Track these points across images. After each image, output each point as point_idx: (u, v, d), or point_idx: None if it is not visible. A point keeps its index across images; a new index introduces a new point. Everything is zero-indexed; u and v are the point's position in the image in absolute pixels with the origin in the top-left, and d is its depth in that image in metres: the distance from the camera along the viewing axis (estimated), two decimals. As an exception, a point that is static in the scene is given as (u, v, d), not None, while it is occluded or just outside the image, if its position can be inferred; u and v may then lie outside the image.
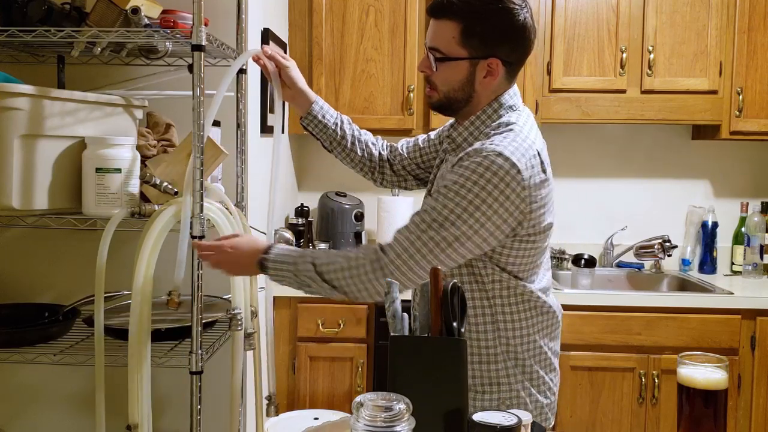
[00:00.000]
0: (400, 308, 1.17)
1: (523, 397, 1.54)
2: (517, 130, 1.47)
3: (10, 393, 2.22)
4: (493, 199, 1.39)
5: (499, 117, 1.51)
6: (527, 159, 1.42)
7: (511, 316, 1.52)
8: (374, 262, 1.43)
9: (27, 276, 2.19)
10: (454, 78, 1.50)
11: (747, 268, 3.09)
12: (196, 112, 1.55)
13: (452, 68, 1.49)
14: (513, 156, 1.40)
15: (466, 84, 1.50)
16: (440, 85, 1.52)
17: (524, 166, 1.41)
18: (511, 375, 1.53)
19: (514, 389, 1.54)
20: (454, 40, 1.47)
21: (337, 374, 2.78)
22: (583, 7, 2.91)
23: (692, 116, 2.94)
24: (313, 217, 3.20)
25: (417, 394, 0.99)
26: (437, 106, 1.57)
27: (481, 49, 1.47)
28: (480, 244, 1.43)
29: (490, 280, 1.50)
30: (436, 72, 1.51)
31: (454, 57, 1.48)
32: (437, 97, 1.54)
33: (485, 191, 1.38)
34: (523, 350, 1.54)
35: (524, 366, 1.54)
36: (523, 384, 1.54)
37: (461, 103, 1.53)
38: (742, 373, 2.71)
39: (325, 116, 1.77)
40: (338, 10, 2.93)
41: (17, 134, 1.58)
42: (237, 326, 1.66)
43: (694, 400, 1.12)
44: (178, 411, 2.15)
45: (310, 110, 1.76)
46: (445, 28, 1.47)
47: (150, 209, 1.65)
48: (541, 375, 1.57)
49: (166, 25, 1.64)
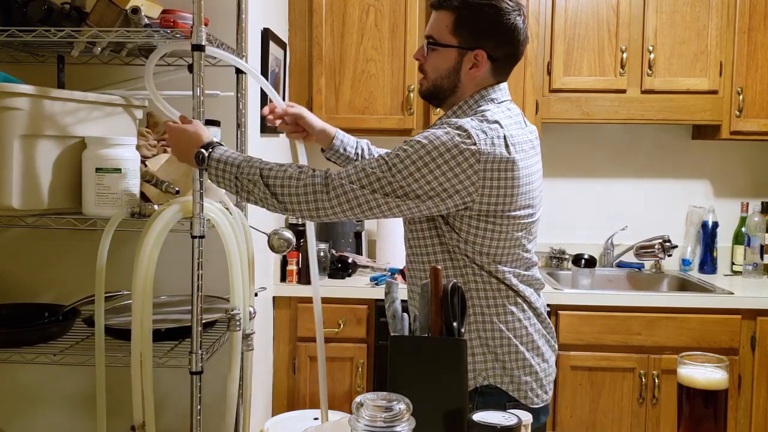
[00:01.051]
0: (400, 308, 1.17)
1: (499, 369, 1.55)
2: (488, 115, 1.53)
3: (10, 393, 2.22)
4: (444, 162, 1.45)
5: (478, 107, 1.58)
6: (487, 136, 1.48)
7: (496, 308, 1.56)
8: (323, 178, 1.49)
9: (27, 276, 2.19)
10: (443, 65, 1.59)
11: (747, 268, 3.09)
12: (196, 112, 1.55)
13: (442, 55, 1.59)
14: (472, 130, 1.47)
15: (453, 72, 1.59)
16: (430, 72, 1.62)
17: (482, 141, 1.47)
18: (476, 346, 1.55)
19: (486, 359, 1.55)
20: (446, 29, 1.57)
21: (337, 374, 2.78)
22: (583, 7, 2.91)
23: (692, 116, 2.94)
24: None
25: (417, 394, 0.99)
26: (426, 94, 1.66)
27: (469, 40, 1.56)
28: (425, 202, 1.48)
29: (465, 272, 1.56)
30: (429, 59, 1.61)
31: (444, 44, 1.58)
32: (426, 84, 1.64)
33: (439, 153, 1.46)
34: (500, 322, 1.56)
35: (501, 338, 1.56)
36: (504, 359, 1.56)
37: (447, 92, 1.61)
38: (743, 373, 2.71)
39: (346, 148, 1.89)
40: (338, 10, 2.93)
41: (17, 134, 1.58)
42: (236, 327, 1.66)
43: (694, 400, 1.12)
44: (178, 411, 2.15)
45: (332, 145, 1.88)
46: (441, 17, 1.58)
47: (150, 209, 1.65)
48: (522, 352, 1.57)
49: (166, 25, 1.65)
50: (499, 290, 1.56)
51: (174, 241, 1.68)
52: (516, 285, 1.57)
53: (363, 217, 1.51)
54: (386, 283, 1.20)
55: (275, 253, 1.88)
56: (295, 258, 2.80)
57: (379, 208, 1.48)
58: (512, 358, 1.57)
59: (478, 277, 1.55)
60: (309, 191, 1.49)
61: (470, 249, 1.53)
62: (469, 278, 1.56)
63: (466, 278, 1.56)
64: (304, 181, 1.49)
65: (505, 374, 1.56)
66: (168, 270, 1.94)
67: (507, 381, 1.56)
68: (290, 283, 2.79)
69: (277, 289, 2.77)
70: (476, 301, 1.56)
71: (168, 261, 1.80)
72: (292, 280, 2.79)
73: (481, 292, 1.56)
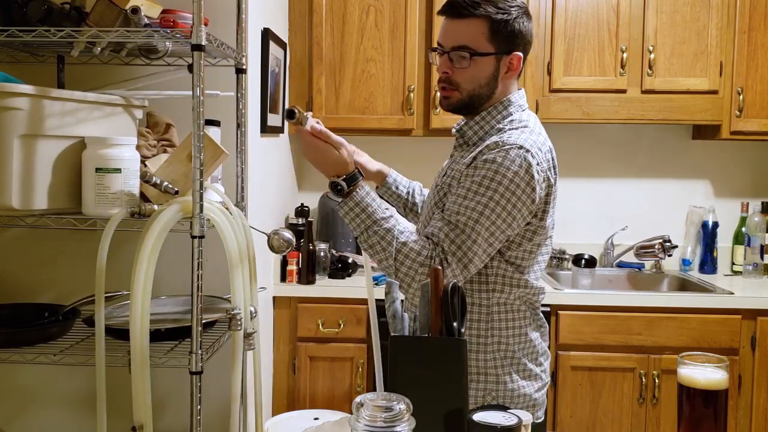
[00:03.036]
0: (401, 308, 1.17)
1: (509, 389, 1.57)
2: (531, 127, 1.56)
3: (10, 393, 2.22)
4: (520, 190, 1.47)
5: (509, 114, 1.59)
6: (543, 153, 1.52)
7: (505, 307, 1.57)
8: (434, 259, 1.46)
9: (27, 276, 2.19)
10: (482, 74, 1.57)
11: (747, 268, 3.09)
12: (196, 112, 1.55)
13: (480, 64, 1.56)
14: (532, 149, 1.49)
15: (492, 80, 1.58)
16: (464, 83, 1.57)
17: (540, 160, 1.51)
18: (499, 366, 1.57)
19: (501, 380, 1.57)
20: (483, 36, 1.54)
21: (337, 374, 2.78)
22: (584, 7, 2.91)
23: (692, 116, 2.94)
24: (313, 217, 3.20)
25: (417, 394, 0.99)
26: (458, 106, 1.61)
27: (504, 45, 1.55)
28: (509, 233, 1.50)
29: (493, 272, 1.56)
30: (461, 70, 1.56)
31: (483, 52, 1.54)
32: (459, 96, 1.59)
33: (513, 183, 1.47)
34: (513, 342, 1.58)
35: (513, 357, 1.58)
36: (511, 376, 1.57)
37: (484, 99, 1.59)
38: (743, 373, 2.71)
39: (399, 187, 1.90)
40: (338, 10, 2.93)
41: (17, 134, 1.58)
42: (236, 326, 1.66)
43: (694, 400, 1.12)
44: (178, 411, 2.15)
45: (385, 182, 1.90)
46: (472, 25, 1.54)
47: (150, 209, 1.65)
48: (529, 367, 1.60)
49: (166, 24, 1.64)
50: (519, 310, 1.59)
51: (174, 241, 1.68)
52: (535, 302, 1.61)
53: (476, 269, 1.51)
54: (386, 283, 1.20)
55: (275, 253, 1.88)
56: (295, 258, 2.80)
57: (482, 259, 1.49)
58: (522, 375, 1.59)
59: (503, 295, 1.56)
60: (420, 273, 1.46)
61: (505, 256, 1.55)
62: (494, 296, 1.57)
63: (490, 294, 1.57)
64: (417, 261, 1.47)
65: (516, 393, 1.58)
66: (168, 270, 1.94)
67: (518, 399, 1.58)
68: (290, 283, 2.79)
69: (277, 289, 2.77)
70: (496, 324, 1.57)
71: (168, 261, 1.80)
72: (292, 280, 2.79)
73: (503, 314, 1.57)
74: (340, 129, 2.98)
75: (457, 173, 1.57)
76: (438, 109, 2.92)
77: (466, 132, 1.63)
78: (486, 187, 1.46)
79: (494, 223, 1.46)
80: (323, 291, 2.78)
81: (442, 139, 3.15)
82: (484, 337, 1.57)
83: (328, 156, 1.54)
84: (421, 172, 3.27)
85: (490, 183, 1.47)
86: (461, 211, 1.47)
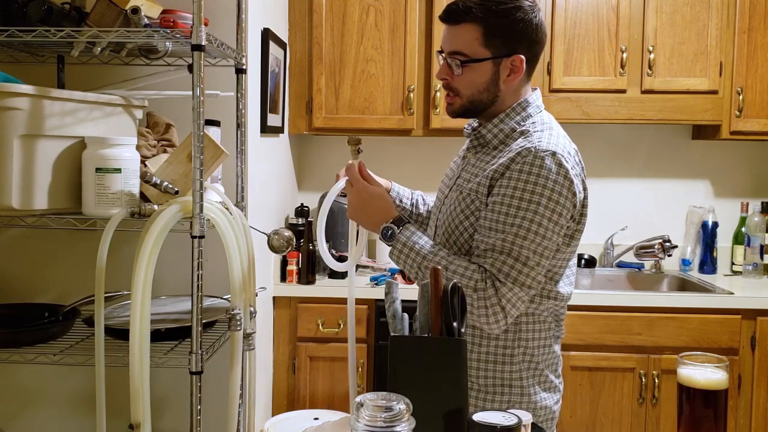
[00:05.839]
0: (400, 308, 1.17)
1: (533, 401, 1.55)
2: (556, 128, 1.54)
3: (10, 393, 2.22)
4: (563, 198, 1.45)
5: (529, 116, 1.56)
6: (572, 156, 1.51)
7: (533, 317, 1.54)
8: (486, 291, 1.43)
9: (27, 276, 2.19)
10: (480, 80, 1.53)
11: (747, 268, 3.09)
12: (196, 112, 1.55)
13: (477, 70, 1.52)
14: (564, 153, 1.47)
15: (491, 84, 1.54)
16: (463, 89, 1.55)
17: (573, 163, 1.49)
18: (524, 378, 1.54)
19: (525, 392, 1.54)
20: (477, 42, 1.50)
21: (337, 374, 2.78)
22: (583, 7, 2.91)
23: (692, 116, 2.94)
24: (313, 217, 3.20)
25: (417, 394, 0.99)
26: (460, 112, 1.59)
27: (503, 48, 1.51)
28: (558, 241, 1.47)
29: None
30: (459, 76, 1.54)
31: (478, 58, 1.51)
32: (460, 102, 1.57)
33: (555, 192, 1.44)
34: (538, 353, 1.56)
35: (536, 369, 1.56)
36: (534, 388, 1.55)
37: (486, 104, 1.56)
38: (742, 373, 2.71)
39: (402, 200, 1.86)
40: (338, 10, 2.93)
41: (17, 134, 1.58)
42: (236, 326, 1.66)
43: (694, 401, 1.12)
44: (178, 411, 2.15)
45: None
46: (465, 31, 1.51)
47: (150, 209, 1.65)
48: (550, 379, 1.58)
49: (166, 25, 1.64)
50: (546, 322, 1.57)
51: (174, 241, 1.68)
52: (561, 314, 1.59)
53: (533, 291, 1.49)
54: (386, 283, 1.20)
55: (275, 253, 1.88)
56: (295, 258, 2.80)
57: (535, 278, 1.45)
58: (544, 387, 1.58)
59: (533, 305, 1.54)
60: (482, 312, 1.44)
61: None
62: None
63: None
64: (480, 298, 1.43)
65: (539, 405, 1.57)
66: (168, 270, 1.94)
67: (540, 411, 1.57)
68: (290, 283, 2.79)
69: (277, 289, 2.77)
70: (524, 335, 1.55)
71: (168, 261, 1.80)
72: (292, 280, 2.79)
73: (530, 325, 1.55)
74: (340, 129, 3.00)
75: (484, 179, 1.51)
76: (438, 109, 2.92)
77: (484, 135, 1.58)
78: (528, 201, 1.42)
79: (544, 237, 1.43)
80: (323, 291, 2.78)
81: (442, 139, 3.16)
82: (511, 348, 1.54)
83: (376, 207, 1.57)
84: (420, 172, 3.28)
85: (531, 196, 1.42)
86: (507, 230, 1.43)
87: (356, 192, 1.60)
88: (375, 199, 1.59)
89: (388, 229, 1.54)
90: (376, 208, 1.58)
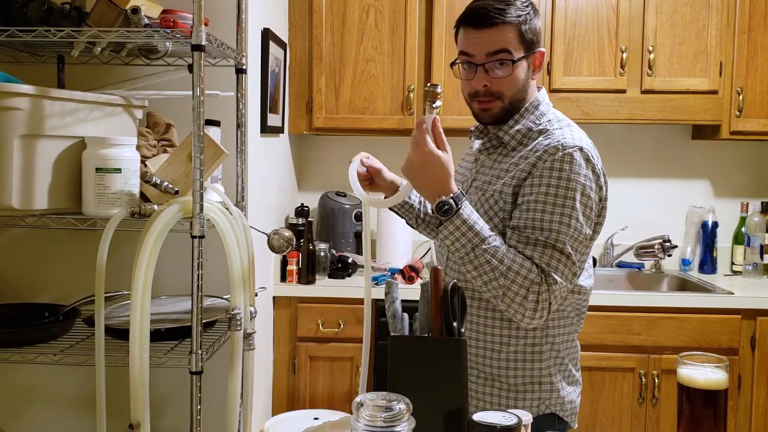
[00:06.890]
0: (400, 308, 1.17)
1: (561, 396, 1.56)
2: (573, 124, 1.57)
3: (10, 393, 2.22)
4: (593, 192, 1.49)
5: (543, 114, 1.58)
6: (593, 150, 1.55)
7: (559, 313, 1.55)
8: (541, 285, 1.43)
9: (27, 276, 2.19)
10: (521, 78, 1.55)
11: (747, 268, 3.09)
12: (196, 112, 1.55)
13: (518, 69, 1.54)
14: (589, 149, 1.52)
15: (526, 81, 1.57)
16: (506, 90, 1.54)
17: (596, 158, 1.54)
18: (552, 374, 1.56)
19: (554, 388, 1.55)
20: (516, 41, 1.52)
21: (337, 374, 2.78)
22: (583, 7, 2.91)
23: (692, 116, 2.94)
24: (313, 217, 3.20)
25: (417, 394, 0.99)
26: (501, 115, 1.57)
27: (532, 45, 1.55)
28: (591, 236, 1.51)
29: None
30: (501, 78, 1.53)
31: (520, 57, 1.54)
32: (501, 105, 1.55)
33: (587, 186, 1.48)
34: (563, 348, 1.58)
35: (561, 364, 1.57)
36: (561, 383, 1.57)
37: (522, 103, 1.58)
38: (742, 373, 2.71)
39: (411, 197, 1.84)
40: (338, 10, 2.93)
41: (17, 134, 1.58)
42: (236, 326, 1.66)
43: (694, 400, 1.12)
44: (178, 411, 2.15)
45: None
46: (503, 32, 1.51)
47: (150, 209, 1.65)
48: (573, 372, 1.60)
49: (166, 25, 1.64)
50: (569, 317, 1.58)
51: (174, 241, 1.68)
52: (583, 308, 1.61)
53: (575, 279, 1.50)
54: (386, 283, 1.20)
55: (275, 253, 1.88)
56: (295, 258, 2.80)
57: (581, 268, 1.50)
58: (568, 381, 1.59)
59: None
60: (531, 305, 1.43)
61: None
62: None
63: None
64: (535, 292, 1.43)
65: (566, 400, 1.58)
66: (168, 270, 1.94)
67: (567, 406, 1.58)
68: (290, 283, 2.79)
69: (277, 289, 2.77)
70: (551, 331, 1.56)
71: (168, 261, 1.80)
72: (292, 280, 2.79)
73: (556, 321, 1.56)
74: (340, 129, 3.00)
75: (510, 179, 1.52)
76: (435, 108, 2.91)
77: (501, 137, 1.58)
78: (564, 197, 1.45)
79: (581, 231, 1.46)
80: (323, 291, 2.78)
81: (442, 139, 3.15)
82: (540, 345, 1.54)
83: (436, 176, 1.45)
84: (421, 172, 3.27)
85: (566, 192, 1.45)
86: (546, 227, 1.44)
87: (420, 153, 1.46)
88: (438, 167, 1.45)
89: (445, 203, 1.44)
90: (436, 176, 1.45)
